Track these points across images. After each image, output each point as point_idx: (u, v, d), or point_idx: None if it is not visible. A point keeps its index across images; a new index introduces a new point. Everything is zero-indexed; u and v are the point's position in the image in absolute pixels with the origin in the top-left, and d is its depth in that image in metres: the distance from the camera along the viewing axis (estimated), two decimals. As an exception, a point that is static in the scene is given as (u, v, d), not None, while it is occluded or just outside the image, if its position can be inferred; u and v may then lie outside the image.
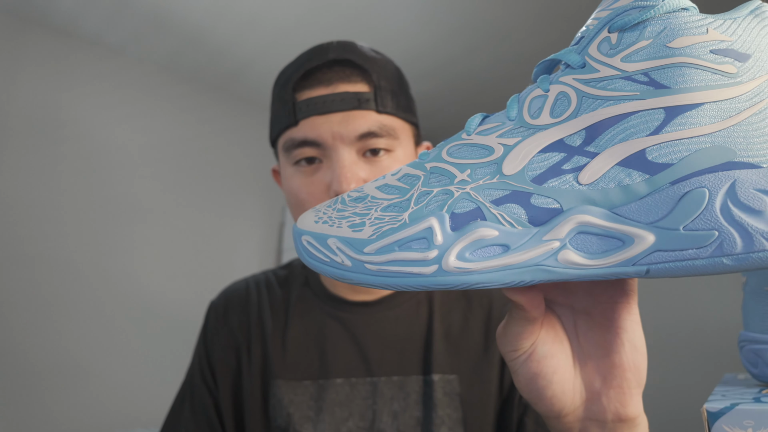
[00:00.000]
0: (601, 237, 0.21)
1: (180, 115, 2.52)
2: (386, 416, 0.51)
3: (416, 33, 2.18)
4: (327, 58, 0.51)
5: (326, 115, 0.49)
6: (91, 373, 2.10)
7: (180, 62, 2.44)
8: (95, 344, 2.13)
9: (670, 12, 0.22)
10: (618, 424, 0.26)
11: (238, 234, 2.69)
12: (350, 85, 0.50)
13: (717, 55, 0.21)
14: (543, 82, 0.24)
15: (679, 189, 0.20)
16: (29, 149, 2.05)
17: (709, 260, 0.20)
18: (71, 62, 2.19)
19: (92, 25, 2.13)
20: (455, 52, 2.33)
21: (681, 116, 0.21)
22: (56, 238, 2.08)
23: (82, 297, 2.12)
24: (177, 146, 2.50)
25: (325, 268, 0.25)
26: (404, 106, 0.53)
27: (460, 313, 0.57)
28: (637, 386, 0.26)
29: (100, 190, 2.22)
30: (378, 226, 0.24)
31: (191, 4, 1.99)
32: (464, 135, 0.25)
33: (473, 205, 0.23)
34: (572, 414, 0.27)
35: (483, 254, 0.22)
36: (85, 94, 2.22)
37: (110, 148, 2.27)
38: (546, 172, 0.22)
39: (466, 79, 2.58)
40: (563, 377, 0.27)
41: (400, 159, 0.52)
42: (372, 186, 0.26)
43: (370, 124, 0.49)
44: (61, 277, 2.08)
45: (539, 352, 0.27)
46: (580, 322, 0.28)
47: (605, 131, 0.22)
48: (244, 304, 0.61)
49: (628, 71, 0.22)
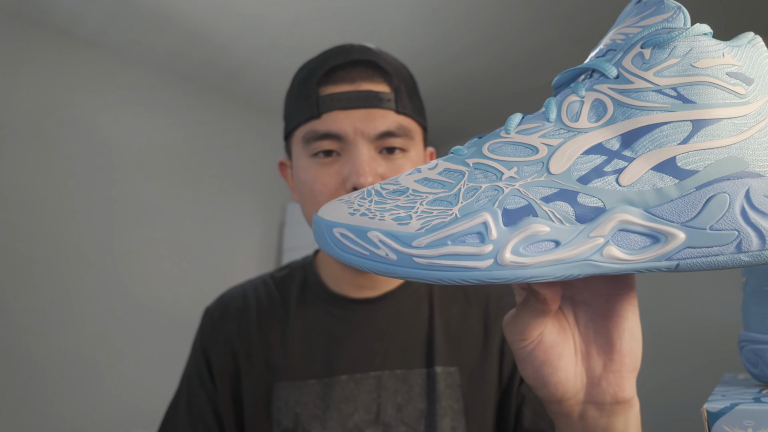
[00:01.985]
0: (640, 234, 0.23)
1: (180, 115, 2.52)
2: (391, 409, 0.52)
3: (416, 32, 2.20)
4: (351, 58, 0.53)
5: (349, 111, 0.50)
6: (91, 373, 2.07)
7: (180, 62, 2.42)
8: (96, 344, 2.10)
9: (695, 35, 0.24)
10: (615, 406, 0.29)
11: (239, 234, 2.69)
12: (373, 85, 0.52)
13: (731, 77, 0.24)
14: (577, 88, 0.26)
15: (704, 193, 0.23)
16: (30, 149, 2.03)
17: (730, 256, 0.23)
18: (71, 62, 2.18)
19: (92, 26, 2.12)
20: (455, 52, 2.36)
21: (705, 129, 0.24)
22: (57, 237, 2.06)
23: (83, 297, 2.09)
24: (177, 146, 2.49)
25: (364, 262, 0.24)
26: (419, 109, 0.56)
27: (458, 307, 0.58)
28: (634, 370, 0.29)
29: (101, 189, 2.20)
30: (427, 220, 0.24)
31: (191, 4, 1.98)
32: (503, 133, 0.26)
33: (524, 201, 0.23)
34: (573, 398, 0.29)
35: (536, 249, 0.23)
36: (85, 94, 2.21)
37: (110, 148, 2.26)
38: (590, 172, 0.24)
39: (465, 79, 2.61)
40: (567, 364, 0.29)
41: (413, 159, 0.54)
42: (410, 179, 0.26)
43: (389, 123, 0.51)
44: (62, 277, 2.05)
45: (546, 341, 0.28)
46: (581, 312, 0.30)
47: (641, 137, 0.24)
48: (242, 311, 0.59)
49: (659, 85, 0.24)
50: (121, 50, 2.31)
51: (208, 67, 2.47)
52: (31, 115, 2.03)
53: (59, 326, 2.02)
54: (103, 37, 2.20)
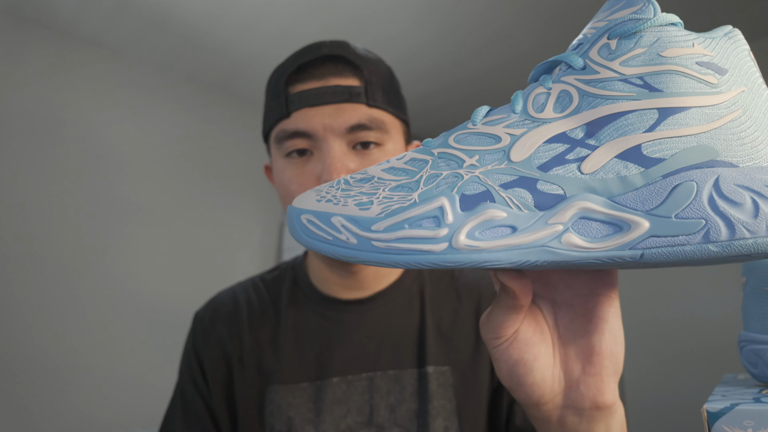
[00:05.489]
0: (601, 222, 0.23)
1: (180, 114, 2.53)
2: (383, 410, 0.52)
3: (416, 33, 2.22)
4: (320, 54, 0.52)
5: (318, 107, 0.50)
6: (92, 373, 2.09)
7: (180, 62, 2.44)
8: (98, 343, 2.12)
9: (662, 25, 0.24)
10: (595, 412, 0.27)
11: (239, 234, 2.70)
12: (342, 79, 0.51)
13: (701, 67, 0.24)
14: (545, 80, 0.26)
15: (670, 181, 0.22)
16: (29, 149, 2.04)
17: (698, 246, 0.22)
18: (71, 62, 2.20)
19: (92, 25, 2.14)
20: (455, 52, 2.38)
21: (672, 117, 0.23)
22: (57, 237, 2.08)
23: (85, 296, 2.11)
24: (177, 146, 2.51)
25: (326, 246, 0.25)
26: (394, 102, 0.55)
27: (450, 306, 0.58)
28: (614, 374, 0.28)
29: (101, 189, 2.22)
30: (387, 205, 0.24)
31: (191, 4, 2.00)
32: (470, 125, 0.26)
33: (482, 187, 0.23)
34: (551, 402, 0.28)
35: (492, 234, 0.23)
36: (85, 93, 2.22)
37: (110, 147, 2.27)
38: (551, 160, 0.24)
39: (465, 79, 2.63)
40: (543, 365, 0.28)
41: (390, 153, 0.53)
42: (377, 168, 0.26)
43: (360, 116, 0.50)
44: (64, 277, 2.07)
45: (521, 339, 0.28)
46: (561, 313, 0.29)
47: (605, 126, 0.24)
48: (233, 314, 0.60)
49: (625, 74, 0.24)
50: (120, 50, 2.32)
51: (208, 67, 2.48)
52: (30, 114, 2.05)
53: (61, 325, 2.03)
54: (103, 36, 2.21)
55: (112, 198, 2.25)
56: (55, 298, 2.04)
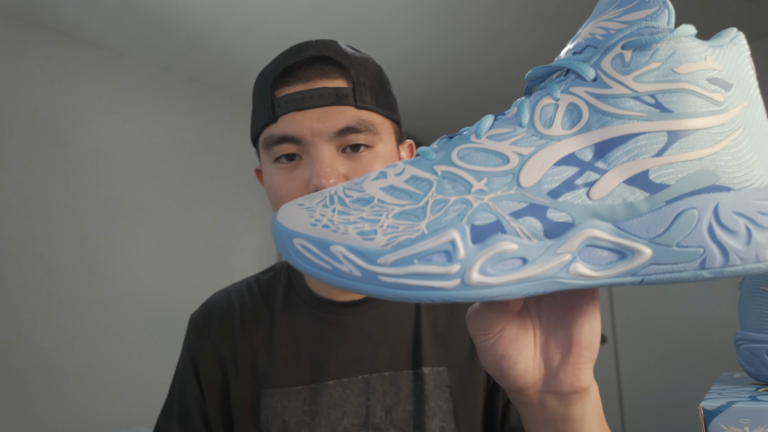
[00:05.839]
0: (607, 250, 0.23)
1: (183, 116, 2.52)
2: (380, 411, 0.52)
3: (416, 35, 2.21)
4: (306, 56, 0.49)
5: (305, 111, 0.48)
6: (94, 372, 2.09)
7: (183, 64, 2.43)
8: (103, 342, 2.12)
9: (679, 37, 0.23)
10: (573, 395, 0.30)
11: (240, 234, 2.68)
12: (329, 81, 0.49)
13: (711, 83, 0.23)
14: (552, 89, 0.24)
15: (674, 208, 0.23)
16: (33, 150, 2.03)
17: (693, 273, 0.23)
18: (74, 64, 2.18)
19: (95, 28, 2.12)
20: (454, 54, 2.36)
21: (680, 141, 0.23)
22: (61, 238, 2.06)
23: (86, 296, 2.10)
24: (180, 147, 2.49)
25: (326, 276, 0.23)
26: (384, 102, 0.52)
27: (445, 306, 0.58)
28: (591, 361, 0.30)
29: (104, 190, 2.21)
30: (392, 236, 0.23)
31: (194, 7, 1.99)
32: (474, 137, 0.24)
33: (493, 217, 0.23)
34: (532, 388, 0.30)
35: (503, 267, 0.22)
36: (88, 95, 2.20)
37: (113, 149, 2.25)
38: (561, 186, 0.23)
39: (465, 81, 2.60)
40: (526, 357, 0.29)
41: (381, 155, 0.51)
42: (375, 186, 0.24)
43: (348, 119, 0.48)
44: (66, 278, 2.05)
45: (506, 336, 0.29)
46: (544, 305, 0.30)
47: (615, 148, 0.23)
48: (226, 317, 0.58)
49: (638, 91, 0.23)
50: (124, 52, 2.31)
51: (210, 69, 2.48)
52: (33, 116, 2.03)
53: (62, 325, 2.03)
54: (106, 38, 2.20)
55: (115, 199, 2.24)
56: (59, 297, 2.03)
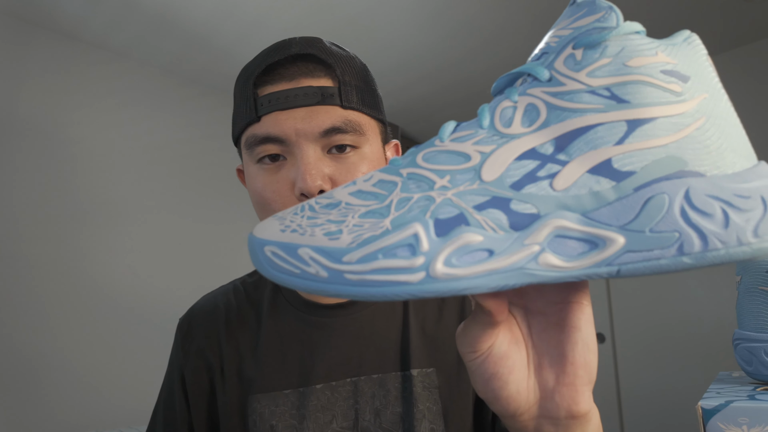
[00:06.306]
0: (577, 240, 0.22)
1: (183, 117, 2.56)
2: (368, 414, 0.51)
3: (416, 36, 2.25)
4: (289, 53, 0.49)
5: (289, 111, 0.47)
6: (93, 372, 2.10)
7: (183, 65, 2.46)
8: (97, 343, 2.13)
9: (626, 34, 0.24)
10: (570, 421, 0.27)
11: (240, 235, 2.71)
12: (314, 80, 0.48)
13: (666, 75, 0.24)
14: (510, 93, 0.25)
15: (642, 194, 0.22)
16: (34, 150, 2.05)
17: (672, 259, 0.22)
18: (76, 65, 2.21)
19: (97, 28, 2.15)
20: (454, 55, 2.41)
21: (640, 128, 0.23)
22: (62, 238, 2.09)
23: (85, 296, 2.12)
24: (180, 147, 2.53)
25: (294, 280, 0.23)
26: (370, 102, 0.52)
27: (434, 306, 0.57)
28: (589, 383, 0.28)
29: (105, 190, 2.24)
30: (358, 234, 0.23)
31: (195, 8, 2.02)
32: (437, 142, 0.25)
33: (456, 210, 0.23)
34: (527, 413, 0.28)
35: (469, 259, 0.22)
36: (89, 96, 2.24)
37: (114, 149, 2.29)
38: (523, 178, 0.23)
39: (464, 81, 2.66)
40: (518, 377, 0.28)
41: (368, 155, 0.50)
42: (344, 192, 0.25)
43: (334, 119, 0.48)
44: (65, 278, 2.08)
45: (496, 353, 0.27)
46: (534, 322, 0.29)
47: (575, 140, 0.23)
48: (212, 322, 0.57)
49: (592, 86, 0.23)
50: (124, 53, 2.34)
51: (211, 70, 2.51)
52: (34, 117, 2.06)
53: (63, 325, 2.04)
54: (107, 39, 2.23)
55: (116, 199, 2.27)
56: (55, 297, 2.04)
